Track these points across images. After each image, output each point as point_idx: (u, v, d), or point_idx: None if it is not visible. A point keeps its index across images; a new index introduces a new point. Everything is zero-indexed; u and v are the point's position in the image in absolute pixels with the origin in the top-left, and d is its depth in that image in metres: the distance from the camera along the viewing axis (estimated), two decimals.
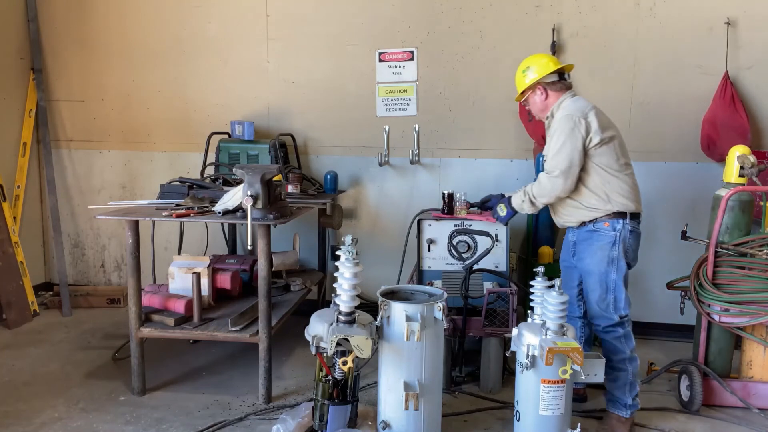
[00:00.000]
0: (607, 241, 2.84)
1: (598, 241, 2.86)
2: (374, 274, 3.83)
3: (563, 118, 2.84)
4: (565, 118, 2.83)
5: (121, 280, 5.07)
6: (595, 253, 2.87)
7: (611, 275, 2.84)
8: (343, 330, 2.50)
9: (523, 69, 3.06)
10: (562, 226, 3.08)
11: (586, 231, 2.90)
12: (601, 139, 2.81)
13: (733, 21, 4.08)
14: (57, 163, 4.99)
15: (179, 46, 4.77)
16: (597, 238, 2.86)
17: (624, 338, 2.90)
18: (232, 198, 3.22)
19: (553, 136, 2.84)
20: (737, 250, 3.12)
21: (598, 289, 2.88)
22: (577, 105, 2.89)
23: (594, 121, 2.81)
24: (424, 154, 4.54)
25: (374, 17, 4.52)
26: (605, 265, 2.84)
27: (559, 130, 2.82)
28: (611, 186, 2.84)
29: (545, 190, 2.89)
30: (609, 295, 2.86)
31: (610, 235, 2.84)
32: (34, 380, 3.45)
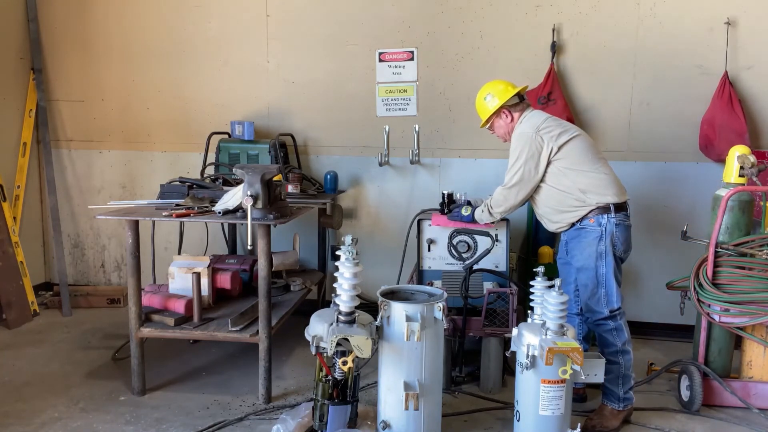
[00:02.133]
0: (593, 237, 2.92)
1: (585, 237, 2.95)
2: (374, 274, 3.83)
3: (518, 136, 3.03)
4: (519, 136, 3.02)
5: (121, 280, 5.07)
6: (584, 249, 2.95)
7: (600, 269, 2.91)
8: (343, 330, 2.50)
9: (483, 96, 3.20)
10: (558, 231, 3.14)
11: (575, 230, 2.99)
12: (559, 146, 2.95)
13: (733, 21, 4.08)
14: (57, 163, 4.99)
15: (179, 46, 4.77)
16: (584, 235, 2.95)
17: (615, 331, 2.95)
18: (232, 198, 3.22)
19: (511, 153, 3.04)
20: (737, 250, 3.12)
21: (589, 284, 2.95)
22: (531, 122, 3.05)
23: (546, 133, 2.97)
24: (424, 154, 4.54)
25: (374, 17, 4.52)
26: (594, 260, 2.92)
27: (514, 147, 3.02)
28: (584, 184, 2.93)
29: (500, 201, 3.09)
30: (600, 290, 2.93)
31: (596, 230, 2.92)
32: (34, 380, 3.45)
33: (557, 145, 2.94)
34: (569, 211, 2.97)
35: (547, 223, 3.14)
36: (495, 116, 3.17)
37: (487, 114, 3.17)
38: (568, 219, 2.99)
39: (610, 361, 2.91)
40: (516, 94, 3.13)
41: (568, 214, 2.98)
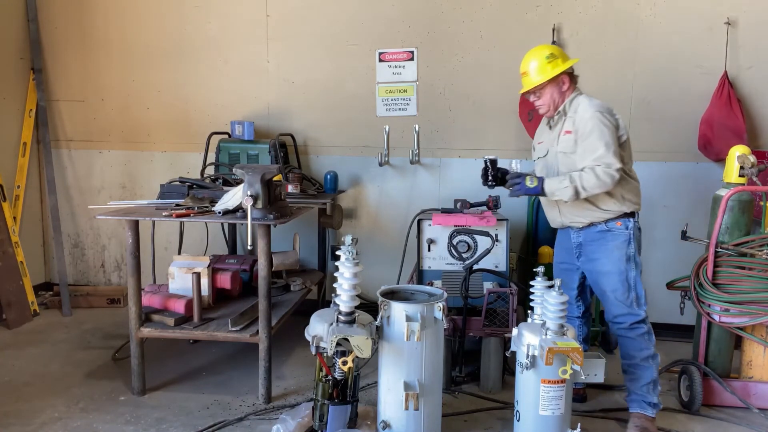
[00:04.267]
0: (622, 240, 2.85)
1: (612, 240, 2.86)
2: (374, 274, 3.83)
3: (600, 114, 2.77)
4: (602, 115, 2.77)
5: (121, 280, 5.07)
6: (612, 252, 2.86)
7: (630, 272, 2.85)
8: (343, 330, 2.50)
9: (544, 55, 2.89)
10: (561, 226, 3.05)
11: (597, 231, 2.89)
12: (624, 140, 2.85)
13: (733, 21, 4.08)
14: (57, 163, 4.99)
15: (179, 46, 4.77)
16: (611, 238, 2.86)
17: (648, 334, 2.90)
18: (232, 198, 3.22)
19: (593, 132, 2.74)
20: (737, 250, 3.12)
21: (620, 288, 2.85)
22: (601, 102, 2.86)
23: (619, 119, 2.85)
24: (424, 154, 4.54)
25: (374, 17, 4.53)
26: (624, 263, 2.84)
27: (600, 125, 2.74)
28: (627, 189, 2.86)
29: (600, 183, 2.71)
30: (631, 293, 2.86)
31: (624, 233, 2.85)
32: (34, 380, 3.45)
33: (624, 138, 2.85)
34: (601, 210, 2.85)
35: (564, 213, 2.97)
36: (551, 81, 2.87)
37: (548, 76, 2.86)
38: (592, 218, 2.88)
39: (643, 366, 2.88)
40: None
41: (597, 213, 2.86)
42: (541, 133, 3.13)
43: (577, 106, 2.86)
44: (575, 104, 2.87)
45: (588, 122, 2.77)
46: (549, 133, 3.01)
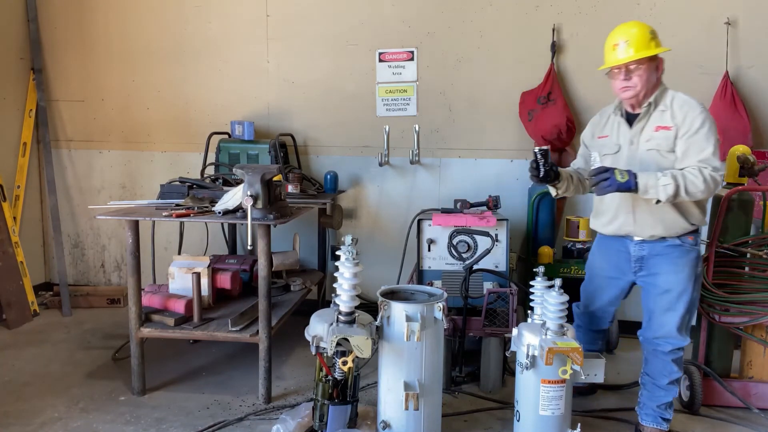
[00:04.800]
0: (694, 256, 2.66)
1: (684, 256, 2.64)
2: (374, 274, 3.83)
3: (706, 112, 2.54)
4: (707, 113, 2.54)
5: (121, 280, 5.07)
6: (682, 269, 2.64)
7: (693, 294, 2.67)
8: (343, 330, 2.50)
9: (649, 30, 2.60)
10: (620, 233, 2.74)
11: (668, 245, 2.64)
12: None
13: (733, 21, 4.08)
14: (57, 163, 4.99)
15: (179, 46, 4.77)
16: (683, 254, 2.64)
17: (681, 359, 2.79)
18: (232, 198, 3.22)
19: (702, 130, 2.50)
20: (737, 250, 3.12)
21: (680, 309, 2.66)
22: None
23: None
24: (424, 154, 4.54)
25: (374, 17, 4.52)
26: (690, 283, 2.65)
27: (710, 124, 2.51)
28: (705, 201, 2.69)
29: (705, 188, 2.46)
30: (685, 317, 2.68)
31: (695, 250, 2.66)
32: (34, 380, 3.45)
33: None
34: (687, 221, 2.62)
35: (639, 220, 2.65)
36: (650, 61, 2.58)
37: (651, 52, 2.56)
38: (676, 228, 2.61)
39: (667, 389, 2.78)
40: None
41: (683, 223, 2.61)
42: (603, 127, 2.81)
43: (673, 99, 2.60)
44: (669, 97, 2.61)
45: (698, 118, 2.50)
46: (622, 128, 2.70)
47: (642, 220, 2.65)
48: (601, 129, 2.82)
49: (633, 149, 2.63)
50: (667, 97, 2.61)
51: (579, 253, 4.09)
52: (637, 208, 2.65)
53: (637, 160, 2.60)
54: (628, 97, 2.63)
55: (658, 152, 2.57)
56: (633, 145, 2.63)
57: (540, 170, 2.62)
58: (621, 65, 2.58)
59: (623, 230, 2.73)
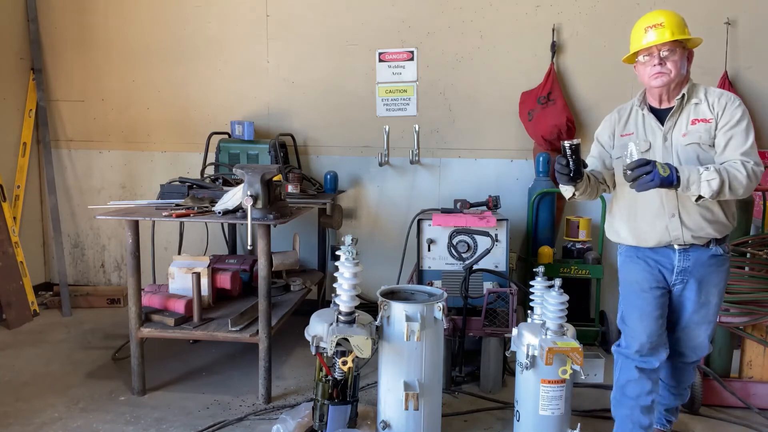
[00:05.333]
0: (728, 267, 2.51)
1: (721, 265, 2.48)
2: (374, 274, 3.83)
3: (743, 105, 2.39)
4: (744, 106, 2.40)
5: (121, 280, 5.07)
6: (719, 282, 2.49)
7: (720, 306, 2.56)
8: (343, 330, 2.50)
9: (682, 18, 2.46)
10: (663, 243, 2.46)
11: (711, 255, 2.43)
12: None
13: (733, 21, 4.08)
14: (57, 163, 4.99)
15: (179, 46, 4.77)
16: (721, 263, 2.47)
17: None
18: (232, 198, 3.22)
19: (742, 122, 2.34)
20: (737, 250, 3.12)
21: (714, 320, 2.55)
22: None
23: None
24: (424, 154, 4.54)
25: (374, 17, 4.53)
26: (722, 296, 2.53)
27: (747, 118, 2.36)
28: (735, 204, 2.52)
29: (748, 183, 2.26)
30: (713, 329, 2.59)
31: (728, 259, 2.51)
32: (34, 380, 3.45)
33: None
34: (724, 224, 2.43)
35: (688, 222, 2.40)
36: (683, 49, 2.40)
37: (687, 35, 2.38)
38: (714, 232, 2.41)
39: (679, 395, 2.76)
40: None
41: (724, 226, 2.43)
42: (626, 124, 2.57)
43: (707, 92, 2.43)
44: (702, 90, 2.44)
45: (738, 110, 2.36)
46: (651, 123, 2.48)
47: (691, 220, 2.40)
48: (623, 126, 2.57)
49: (668, 145, 2.41)
50: (700, 90, 2.44)
51: (579, 253, 4.10)
52: (684, 208, 2.39)
53: (675, 156, 2.39)
54: (660, 84, 2.40)
55: (699, 146, 2.37)
56: (667, 141, 2.41)
57: (571, 167, 2.33)
58: (655, 49, 2.38)
59: (668, 237, 2.43)
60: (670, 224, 2.41)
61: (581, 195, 2.52)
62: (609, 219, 2.64)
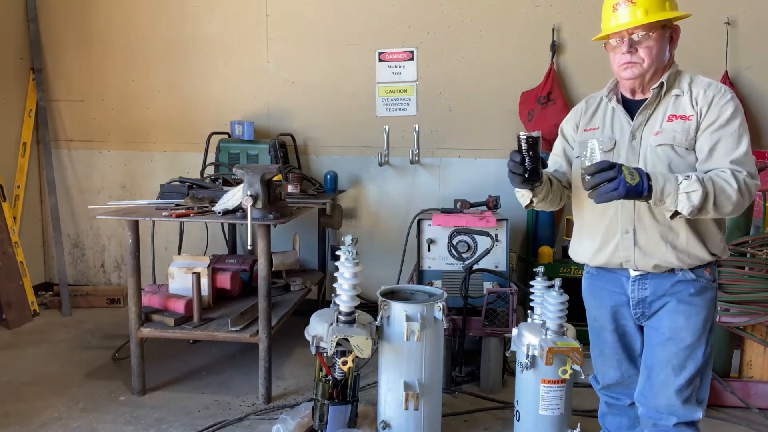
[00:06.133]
0: (710, 297, 1.95)
1: (698, 296, 1.93)
2: (374, 274, 3.83)
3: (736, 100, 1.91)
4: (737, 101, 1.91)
5: (121, 280, 5.07)
6: (696, 313, 1.93)
7: (705, 348, 1.94)
8: (343, 330, 2.50)
9: None
10: (611, 265, 2.02)
11: (679, 281, 1.93)
12: None
13: (733, 21, 4.08)
14: (57, 163, 4.99)
15: (179, 46, 4.77)
16: (697, 293, 1.93)
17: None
18: (232, 198, 3.22)
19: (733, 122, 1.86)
20: (737, 250, 3.12)
21: (685, 367, 1.94)
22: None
23: None
24: (424, 154, 4.54)
25: (374, 17, 4.53)
26: (704, 334, 1.94)
27: (740, 116, 1.89)
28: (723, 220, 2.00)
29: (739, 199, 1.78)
30: (696, 379, 1.95)
31: (711, 288, 1.96)
32: (34, 380, 3.45)
33: None
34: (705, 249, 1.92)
35: (645, 245, 1.93)
36: (663, 29, 1.94)
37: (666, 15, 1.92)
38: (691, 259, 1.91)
39: None
40: None
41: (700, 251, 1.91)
42: (592, 116, 2.13)
43: (692, 81, 1.96)
44: (686, 79, 1.98)
45: (728, 106, 1.87)
46: (619, 117, 2.04)
47: (646, 242, 1.93)
48: (588, 119, 2.13)
49: (635, 145, 1.95)
50: (684, 79, 1.98)
51: None
52: (640, 226, 1.93)
53: (641, 159, 1.93)
54: (631, 76, 1.97)
55: (672, 149, 1.89)
56: (635, 139, 1.95)
57: (526, 165, 1.85)
58: (623, 33, 1.95)
59: (617, 258, 1.99)
60: (621, 243, 1.96)
61: (541, 201, 2.04)
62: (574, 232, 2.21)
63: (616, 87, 2.13)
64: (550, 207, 2.12)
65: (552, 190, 2.05)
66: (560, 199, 2.12)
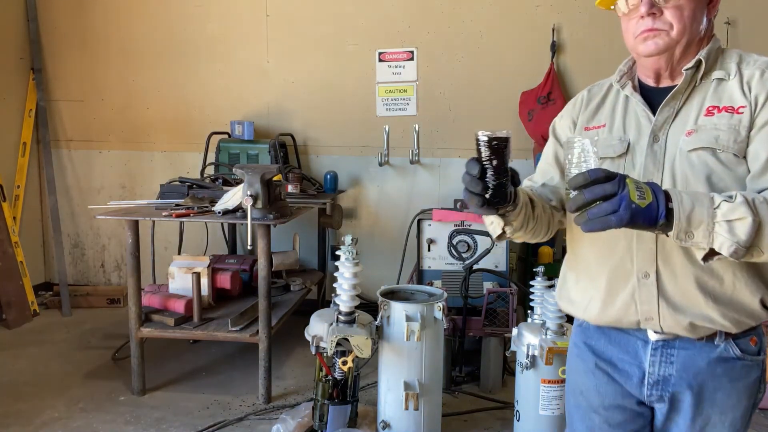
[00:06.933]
0: (754, 379, 1.35)
1: (743, 379, 1.34)
2: (374, 274, 3.83)
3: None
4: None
5: (121, 280, 5.07)
6: (729, 409, 1.34)
7: None
8: (343, 330, 2.50)
9: None
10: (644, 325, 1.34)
11: (720, 360, 1.32)
12: None
13: (733, 21, 4.08)
14: (57, 163, 4.99)
15: (179, 46, 4.77)
16: (742, 375, 1.34)
17: None
18: (232, 198, 3.22)
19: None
20: None
21: None
22: None
23: None
24: (424, 154, 4.54)
25: (374, 17, 4.53)
26: (745, 424, 1.38)
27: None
28: None
29: None
30: None
31: (757, 366, 1.36)
32: (34, 380, 3.45)
33: None
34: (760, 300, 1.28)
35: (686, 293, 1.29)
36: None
37: None
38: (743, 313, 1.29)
39: None
40: None
41: (755, 304, 1.28)
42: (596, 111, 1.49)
43: (742, 59, 1.37)
44: (732, 57, 1.37)
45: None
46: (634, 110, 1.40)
47: (676, 291, 1.29)
48: (591, 114, 1.49)
49: (658, 150, 1.33)
50: (730, 57, 1.36)
51: None
52: (666, 267, 1.30)
53: (667, 170, 1.31)
54: (654, 50, 1.31)
55: (713, 155, 1.27)
56: (658, 142, 1.33)
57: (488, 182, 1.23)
58: None
59: (632, 315, 1.35)
60: (639, 292, 1.32)
61: (519, 231, 1.38)
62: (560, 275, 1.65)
63: (632, 70, 1.46)
64: (534, 238, 1.46)
65: (534, 215, 1.39)
66: (548, 227, 1.47)
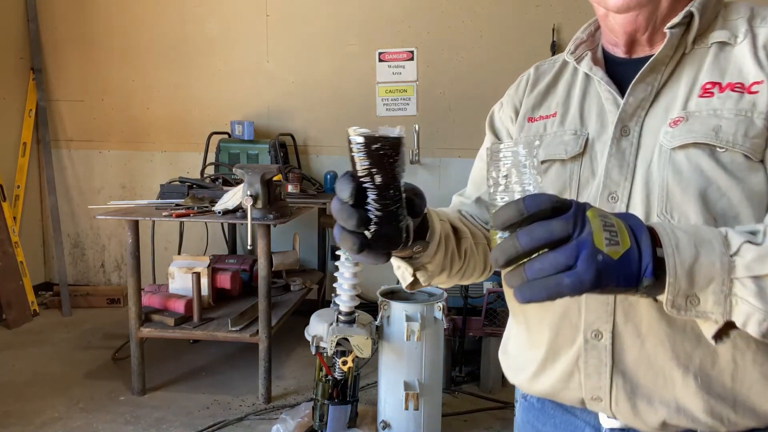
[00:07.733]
0: None
1: None
2: (374, 274, 3.82)
3: None
4: None
5: (121, 280, 5.07)
6: None
7: None
8: (343, 330, 2.50)
9: None
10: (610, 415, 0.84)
11: None
12: None
13: None
14: (57, 163, 4.99)
15: (179, 46, 4.77)
16: None
17: None
18: (232, 198, 3.22)
19: None
20: None
21: None
22: None
23: None
24: (424, 154, 4.54)
25: (374, 17, 4.53)
26: None
27: None
28: None
29: None
30: None
31: None
32: (34, 380, 3.45)
33: None
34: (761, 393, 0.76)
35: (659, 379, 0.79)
36: None
37: None
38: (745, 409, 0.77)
39: None
40: None
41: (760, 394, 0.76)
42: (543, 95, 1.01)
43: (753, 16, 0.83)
44: (740, 11, 0.85)
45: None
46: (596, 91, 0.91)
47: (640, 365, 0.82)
48: (539, 100, 1.01)
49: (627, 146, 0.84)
50: (737, 10, 0.86)
51: None
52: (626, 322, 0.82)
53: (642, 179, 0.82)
54: (624, 6, 0.83)
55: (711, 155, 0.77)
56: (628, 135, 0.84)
57: (371, 207, 0.75)
58: None
59: (574, 390, 0.87)
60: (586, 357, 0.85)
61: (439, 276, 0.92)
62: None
63: (595, 37, 0.99)
64: (464, 279, 0.99)
65: (461, 252, 0.94)
66: (484, 264, 1.01)
